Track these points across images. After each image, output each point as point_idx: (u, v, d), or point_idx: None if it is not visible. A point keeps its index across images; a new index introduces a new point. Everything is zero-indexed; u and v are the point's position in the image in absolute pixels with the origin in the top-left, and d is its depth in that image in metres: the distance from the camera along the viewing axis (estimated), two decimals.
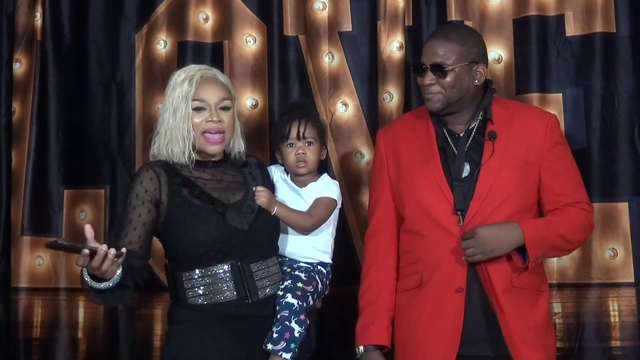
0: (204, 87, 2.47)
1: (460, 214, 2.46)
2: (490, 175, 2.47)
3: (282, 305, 2.52)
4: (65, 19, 3.56)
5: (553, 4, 3.26)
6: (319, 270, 2.73)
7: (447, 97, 2.51)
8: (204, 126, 2.45)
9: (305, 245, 2.72)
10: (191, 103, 2.44)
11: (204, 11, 3.48)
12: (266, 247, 2.53)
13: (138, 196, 2.41)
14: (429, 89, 2.52)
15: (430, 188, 2.50)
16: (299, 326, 2.50)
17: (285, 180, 2.80)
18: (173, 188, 2.43)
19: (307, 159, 2.75)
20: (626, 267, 3.15)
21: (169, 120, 2.46)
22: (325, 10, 3.40)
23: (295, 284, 2.60)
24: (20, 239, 3.53)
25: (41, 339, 3.51)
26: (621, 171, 3.16)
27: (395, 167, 2.61)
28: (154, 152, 2.53)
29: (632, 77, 3.19)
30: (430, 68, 2.50)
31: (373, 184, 2.71)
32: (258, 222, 2.49)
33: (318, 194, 2.74)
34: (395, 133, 2.67)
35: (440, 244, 2.47)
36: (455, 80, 2.49)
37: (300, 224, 2.68)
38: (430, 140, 2.57)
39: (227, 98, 2.49)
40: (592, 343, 3.14)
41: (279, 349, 2.46)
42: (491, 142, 2.50)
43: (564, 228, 2.48)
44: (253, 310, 2.46)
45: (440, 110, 2.53)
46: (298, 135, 2.74)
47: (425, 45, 2.58)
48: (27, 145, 3.54)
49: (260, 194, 2.56)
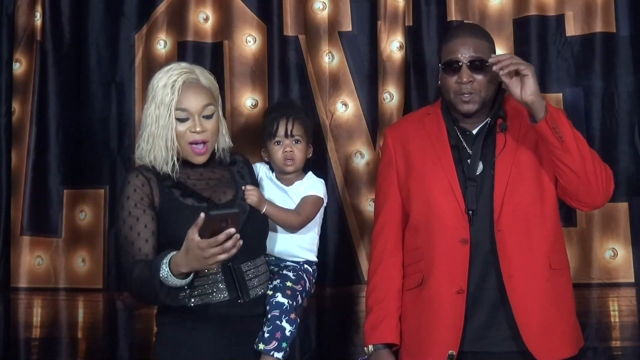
0: (186, 94, 2.41)
1: (471, 214, 2.45)
2: (506, 165, 2.46)
3: (272, 305, 2.51)
4: (65, 19, 3.56)
5: (553, 4, 3.26)
6: (305, 269, 2.72)
7: (483, 95, 2.49)
8: (189, 137, 2.42)
9: (292, 244, 2.72)
10: (174, 112, 2.40)
11: (204, 11, 3.48)
12: (256, 246, 2.52)
13: (137, 205, 2.38)
14: (466, 87, 2.46)
15: (440, 186, 2.48)
16: (289, 325, 2.49)
17: (271, 179, 2.79)
18: (164, 191, 2.41)
19: (295, 157, 2.74)
20: (626, 267, 3.16)
21: (151, 126, 2.42)
22: (325, 10, 3.40)
23: (284, 283, 2.59)
24: (20, 239, 3.53)
25: (41, 339, 3.50)
26: (621, 171, 3.15)
27: (404, 164, 2.58)
28: (138, 155, 2.49)
29: (632, 77, 3.19)
30: (470, 65, 2.46)
31: (380, 181, 2.68)
32: (248, 221, 2.47)
33: (305, 192, 2.74)
34: (404, 131, 2.64)
35: (442, 244, 2.46)
36: (491, 76, 2.47)
37: (289, 222, 2.67)
38: (442, 138, 2.54)
39: (210, 103, 2.45)
40: (592, 343, 3.14)
41: (271, 349, 2.45)
42: (503, 133, 2.49)
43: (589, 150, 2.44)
44: (245, 310, 2.45)
45: (476, 111, 2.50)
46: (286, 133, 2.74)
47: (454, 42, 2.51)
48: (27, 145, 3.54)
49: (250, 192, 2.54)
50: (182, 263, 2.18)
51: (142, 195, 2.39)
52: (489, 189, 2.47)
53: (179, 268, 2.19)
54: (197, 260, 2.16)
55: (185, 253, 2.17)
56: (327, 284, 3.27)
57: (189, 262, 2.17)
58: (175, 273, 2.19)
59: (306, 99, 3.37)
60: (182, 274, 2.20)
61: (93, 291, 3.49)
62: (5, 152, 3.54)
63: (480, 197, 2.47)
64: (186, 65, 2.52)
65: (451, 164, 2.50)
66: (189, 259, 2.17)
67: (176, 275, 2.20)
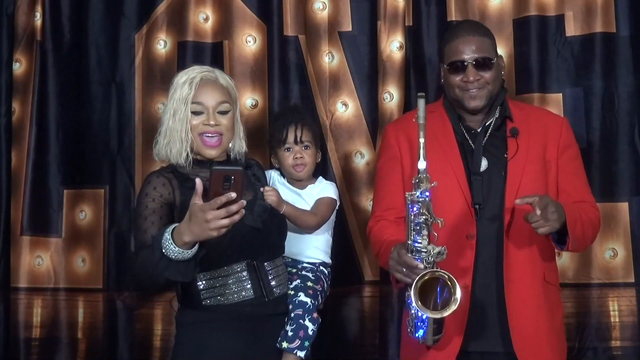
0: (203, 90, 2.46)
1: (477, 207, 2.46)
2: (518, 171, 2.48)
3: (295, 304, 2.55)
4: (65, 19, 3.56)
5: (553, 4, 3.26)
6: (321, 270, 2.78)
7: (490, 91, 2.53)
8: (201, 129, 2.45)
9: (309, 246, 2.78)
10: (190, 106, 2.44)
11: (204, 11, 3.48)
12: (277, 246, 2.54)
13: (155, 200, 2.38)
14: (473, 85, 2.51)
15: (448, 181, 2.49)
16: (312, 324, 2.54)
17: (284, 184, 2.85)
18: (185, 192, 2.42)
19: (305, 162, 2.81)
20: (626, 267, 3.16)
21: (168, 121, 2.46)
22: (325, 10, 3.40)
23: (305, 283, 2.65)
24: (20, 239, 3.53)
25: (41, 339, 3.51)
26: (621, 171, 3.16)
27: (410, 159, 2.58)
28: (156, 152, 2.53)
29: (632, 77, 3.19)
30: (475, 63, 2.50)
31: (383, 175, 2.66)
32: (269, 221, 2.50)
33: (319, 195, 2.81)
34: (406, 127, 2.64)
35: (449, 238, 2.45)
36: (497, 73, 2.53)
37: (307, 222, 2.73)
38: (448, 135, 2.56)
39: (226, 101, 2.48)
40: (592, 343, 3.14)
41: (294, 347, 2.48)
42: (514, 138, 2.51)
43: (589, 216, 2.49)
44: (269, 308, 2.46)
45: (484, 107, 2.54)
46: (295, 140, 2.80)
47: (457, 42, 2.54)
48: (27, 145, 3.54)
49: (269, 193, 2.59)
50: (184, 230, 2.12)
51: (162, 193, 2.40)
52: (499, 190, 2.48)
53: (182, 237, 2.13)
54: (199, 225, 2.09)
55: (188, 220, 2.13)
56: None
57: (191, 228, 2.11)
58: (179, 243, 2.14)
59: (306, 99, 3.37)
60: (186, 244, 2.15)
61: (93, 291, 3.49)
62: (5, 152, 3.54)
63: (489, 197, 2.48)
64: (207, 67, 2.56)
65: (458, 159, 2.52)
66: (191, 225, 2.11)
67: (180, 246, 2.15)
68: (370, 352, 3.30)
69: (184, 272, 2.19)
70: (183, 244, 2.14)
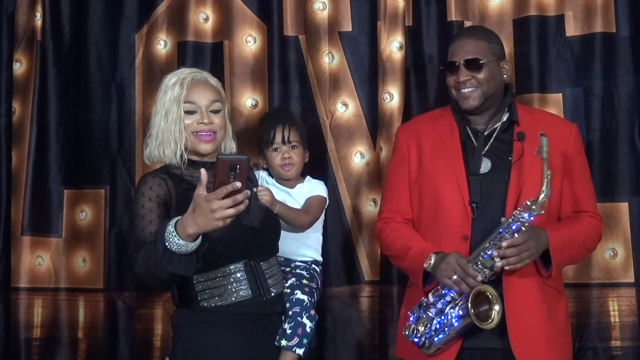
0: (195, 89, 2.47)
1: (474, 206, 2.48)
2: (521, 174, 2.49)
3: (292, 302, 2.57)
4: (65, 19, 3.57)
5: (553, 4, 3.26)
6: (314, 268, 2.81)
7: (484, 91, 2.56)
8: (195, 127, 2.46)
9: (300, 244, 2.80)
10: (183, 105, 2.45)
11: (204, 11, 3.48)
12: (272, 245, 2.55)
13: (151, 199, 2.38)
14: (465, 85, 2.56)
15: (448, 182, 2.52)
16: (309, 321, 2.55)
17: (273, 184, 2.88)
18: (180, 193, 2.43)
19: (293, 162, 2.85)
20: (626, 267, 3.16)
21: (160, 122, 2.46)
22: (325, 10, 3.40)
23: (300, 281, 2.67)
24: (20, 239, 3.53)
25: (41, 339, 3.51)
26: (621, 171, 3.16)
27: (417, 162, 2.62)
28: (147, 154, 2.52)
29: (632, 77, 3.20)
30: (465, 64, 2.55)
31: (392, 177, 2.70)
32: (265, 220, 2.50)
33: (309, 193, 2.85)
34: (417, 130, 2.69)
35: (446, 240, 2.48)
36: (490, 74, 2.56)
37: (299, 220, 2.76)
38: (453, 138, 2.60)
39: (218, 100, 2.50)
40: (592, 343, 3.14)
41: (293, 345, 2.49)
42: (520, 142, 2.52)
43: (582, 236, 2.51)
44: (267, 308, 2.46)
45: (478, 106, 2.57)
46: (283, 140, 2.84)
47: (454, 45, 2.62)
48: (27, 145, 3.55)
49: (263, 193, 2.61)
50: (188, 222, 2.08)
51: (158, 192, 2.39)
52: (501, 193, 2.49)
53: (185, 229, 2.09)
54: (204, 215, 2.05)
55: (192, 211, 2.08)
56: (326, 284, 3.27)
57: (195, 219, 2.07)
58: (182, 236, 2.11)
59: (306, 99, 3.38)
60: (190, 237, 2.11)
61: (93, 291, 3.49)
62: (5, 152, 3.54)
63: (490, 198, 2.49)
64: (195, 68, 2.57)
65: (460, 160, 2.55)
66: (195, 216, 2.07)
67: (183, 238, 2.11)
68: (370, 352, 3.30)
69: (187, 265, 2.16)
70: (187, 237, 2.10)
